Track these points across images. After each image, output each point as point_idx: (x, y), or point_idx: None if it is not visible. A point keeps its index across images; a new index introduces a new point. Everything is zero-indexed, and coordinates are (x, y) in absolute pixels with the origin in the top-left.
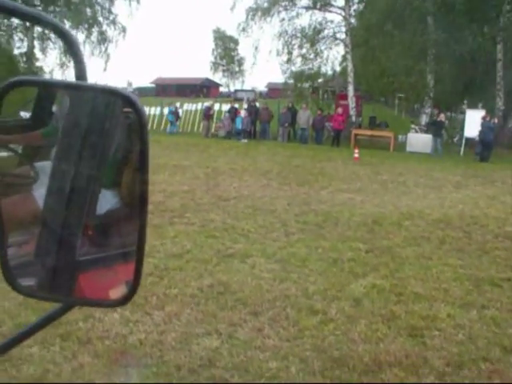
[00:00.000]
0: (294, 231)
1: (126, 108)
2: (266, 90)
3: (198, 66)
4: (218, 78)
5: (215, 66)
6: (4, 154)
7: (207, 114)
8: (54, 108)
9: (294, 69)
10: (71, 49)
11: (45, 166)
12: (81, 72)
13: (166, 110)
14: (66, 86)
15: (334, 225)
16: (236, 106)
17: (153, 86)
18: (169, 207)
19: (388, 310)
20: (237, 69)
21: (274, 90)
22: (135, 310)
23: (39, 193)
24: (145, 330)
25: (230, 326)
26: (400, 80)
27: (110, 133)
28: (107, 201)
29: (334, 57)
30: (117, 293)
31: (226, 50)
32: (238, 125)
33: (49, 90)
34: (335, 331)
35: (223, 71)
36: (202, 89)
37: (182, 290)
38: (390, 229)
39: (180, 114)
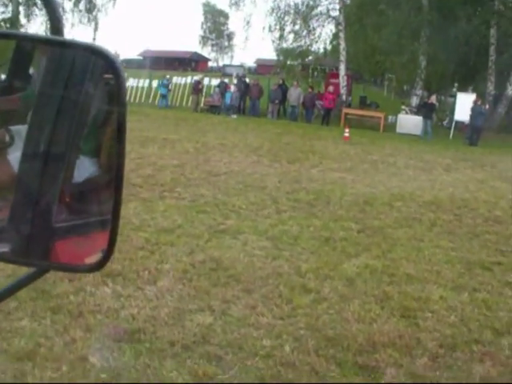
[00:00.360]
0: (286, 209)
1: (106, 68)
2: (254, 65)
3: (186, 39)
4: (206, 52)
5: (204, 40)
6: None
7: (196, 88)
8: (31, 70)
9: (285, 45)
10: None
11: (21, 130)
12: (57, 28)
13: (154, 83)
14: (46, 40)
15: (326, 203)
16: (226, 80)
17: (140, 58)
18: (159, 181)
19: (381, 291)
20: (226, 43)
21: (262, 67)
22: (127, 284)
23: (14, 157)
24: (137, 304)
25: (223, 303)
26: (392, 60)
27: (89, 96)
28: (86, 168)
29: (326, 35)
30: (92, 260)
31: (216, 24)
32: (228, 100)
33: (27, 45)
34: (329, 310)
35: (212, 46)
36: (191, 63)
37: (173, 265)
38: (382, 209)
39: (170, 87)
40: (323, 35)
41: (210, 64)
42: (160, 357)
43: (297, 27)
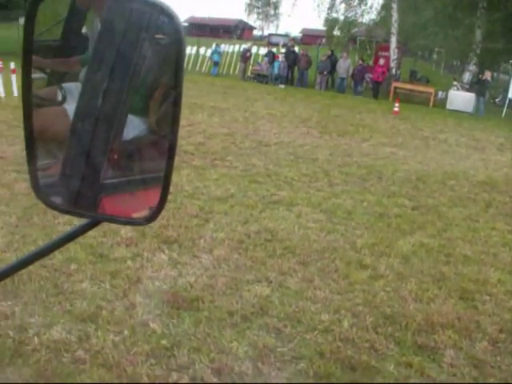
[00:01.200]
0: (338, 182)
1: (165, 27)
2: (300, 35)
3: (232, 6)
4: (252, 20)
5: (250, 8)
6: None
7: (245, 57)
8: (84, 29)
9: (335, 15)
10: None
11: (72, 88)
12: None
13: (201, 50)
14: None
15: (378, 179)
16: (274, 50)
17: (185, 24)
18: (210, 149)
19: (437, 271)
20: (272, 12)
21: (308, 37)
22: (183, 251)
23: (71, 107)
24: (194, 272)
25: (280, 275)
26: (446, 33)
27: (142, 55)
28: (135, 127)
29: (378, 4)
30: (140, 215)
31: None
32: (276, 69)
33: (82, 2)
34: (385, 288)
35: (258, 14)
36: (236, 30)
37: (228, 235)
38: (435, 187)
39: None
40: (375, 5)
41: (255, 32)
42: (219, 326)
43: None
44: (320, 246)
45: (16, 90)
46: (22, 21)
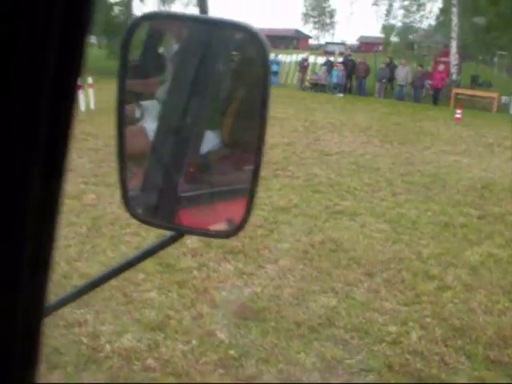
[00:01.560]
0: (401, 191)
1: (247, 45)
2: (356, 43)
3: (288, 16)
4: (308, 29)
5: (306, 18)
6: None
7: (302, 66)
8: (161, 50)
9: (393, 22)
10: None
11: (149, 106)
12: (203, 4)
13: None
14: (201, 20)
15: (442, 187)
16: (331, 59)
17: None
18: (271, 159)
19: (508, 282)
20: (328, 21)
21: (365, 44)
22: (248, 261)
23: (150, 126)
24: (260, 283)
25: (346, 286)
26: (509, 36)
27: (220, 72)
28: (209, 141)
29: (437, 9)
30: (217, 228)
31: (318, 1)
32: (334, 78)
33: (163, 26)
34: (454, 299)
35: (314, 23)
36: (292, 40)
37: (293, 245)
38: (502, 195)
39: None
40: (434, 10)
41: (311, 42)
42: (287, 337)
43: (406, 3)
44: (385, 256)
45: (93, 104)
46: (93, 39)
